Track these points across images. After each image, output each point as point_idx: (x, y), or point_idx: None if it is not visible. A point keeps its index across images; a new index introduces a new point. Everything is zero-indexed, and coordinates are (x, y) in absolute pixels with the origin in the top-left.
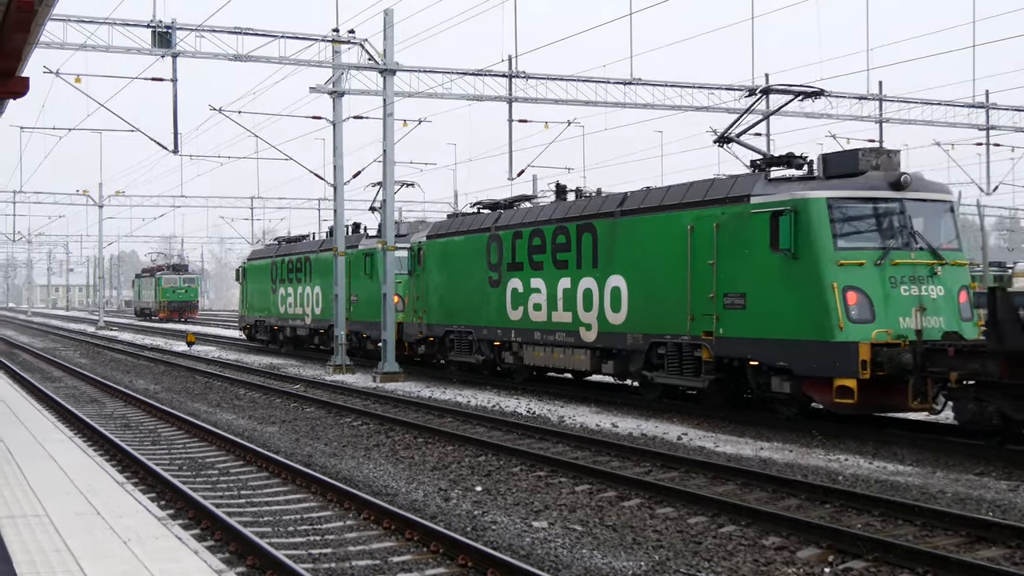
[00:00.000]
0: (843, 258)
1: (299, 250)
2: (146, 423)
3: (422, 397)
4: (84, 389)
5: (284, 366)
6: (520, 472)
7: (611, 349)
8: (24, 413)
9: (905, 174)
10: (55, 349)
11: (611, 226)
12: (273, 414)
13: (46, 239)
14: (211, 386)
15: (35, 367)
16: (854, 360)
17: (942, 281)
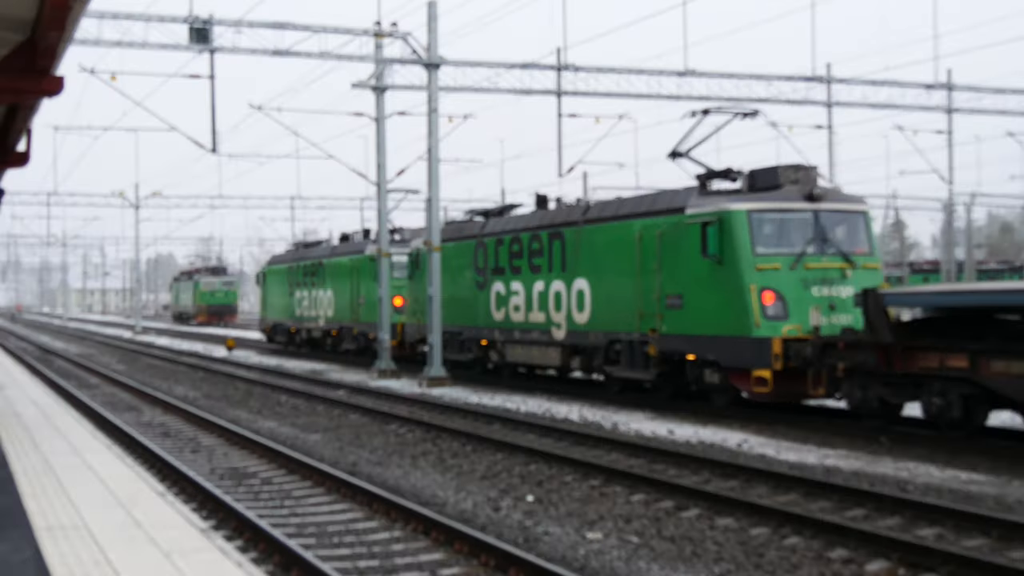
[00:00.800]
0: (761, 263)
1: (314, 255)
2: (185, 431)
3: (470, 403)
4: (121, 396)
5: (326, 371)
6: (573, 481)
7: (577, 346)
8: (61, 421)
9: (818, 188)
10: (91, 355)
11: (576, 233)
12: (316, 421)
13: (81, 242)
14: (251, 392)
15: (71, 373)
16: (768, 353)
17: (852, 282)
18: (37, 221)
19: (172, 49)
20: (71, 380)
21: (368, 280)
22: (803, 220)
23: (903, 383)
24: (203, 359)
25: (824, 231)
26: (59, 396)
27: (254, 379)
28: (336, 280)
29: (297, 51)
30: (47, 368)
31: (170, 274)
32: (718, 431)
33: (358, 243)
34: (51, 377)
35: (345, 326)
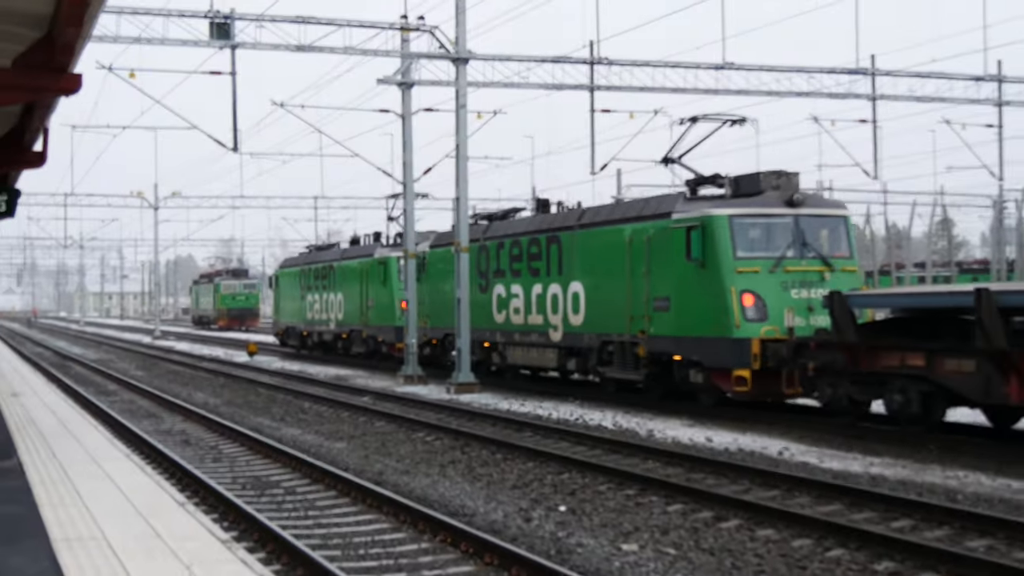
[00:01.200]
0: (741, 266)
1: (325, 258)
2: (206, 439)
3: (500, 410)
4: (140, 403)
5: (351, 377)
6: (607, 491)
7: (573, 348)
8: (79, 429)
9: (798, 193)
10: (109, 360)
11: (571, 237)
12: (341, 429)
13: (99, 244)
14: (274, 399)
15: (89, 380)
16: (748, 354)
17: (831, 285)
18: (53, 223)
19: (192, 45)
20: (89, 387)
21: (376, 284)
22: (783, 225)
23: (869, 381)
24: (224, 364)
25: (804, 235)
26: (76, 403)
27: (277, 385)
28: (346, 284)
29: (321, 46)
30: (64, 374)
31: (190, 277)
32: (758, 438)
33: (367, 246)
34: (68, 384)
35: (355, 329)
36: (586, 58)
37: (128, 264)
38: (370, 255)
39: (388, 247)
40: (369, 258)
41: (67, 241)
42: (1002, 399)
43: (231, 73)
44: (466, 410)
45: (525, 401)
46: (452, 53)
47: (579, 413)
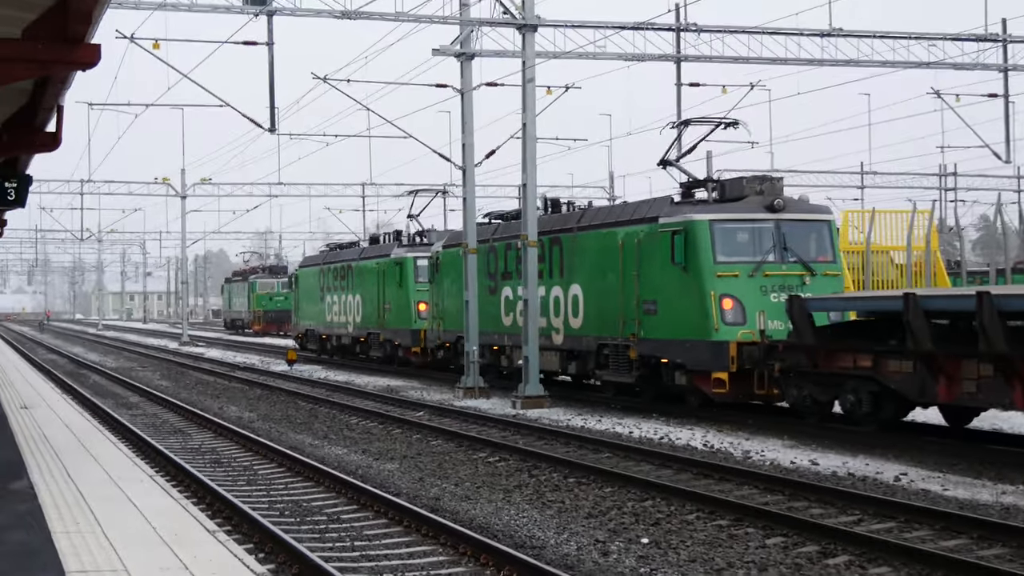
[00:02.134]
0: (721, 270)
1: (344, 257)
2: (240, 458)
3: (572, 427)
4: (166, 417)
5: (403, 388)
6: (696, 520)
7: (573, 351)
8: (97, 446)
9: (779, 199)
10: (131, 369)
11: (572, 240)
12: (392, 448)
13: (119, 237)
14: (316, 414)
15: (108, 391)
16: (726, 356)
17: (811, 289)
18: (68, 213)
19: (224, 12)
20: (108, 398)
21: (393, 285)
22: (764, 230)
23: (828, 382)
24: (260, 374)
25: (785, 240)
26: (94, 417)
27: (320, 398)
28: (364, 285)
29: (369, 12)
30: (80, 384)
31: (221, 275)
32: (871, 461)
33: (385, 246)
34: (85, 395)
35: (372, 332)
36: (671, 24)
37: (152, 260)
38: (388, 255)
39: (406, 247)
40: (386, 258)
41: (83, 234)
42: (933, 398)
43: (268, 43)
44: (534, 427)
45: (602, 417)
46: (518, 19)
47: (664, 431)
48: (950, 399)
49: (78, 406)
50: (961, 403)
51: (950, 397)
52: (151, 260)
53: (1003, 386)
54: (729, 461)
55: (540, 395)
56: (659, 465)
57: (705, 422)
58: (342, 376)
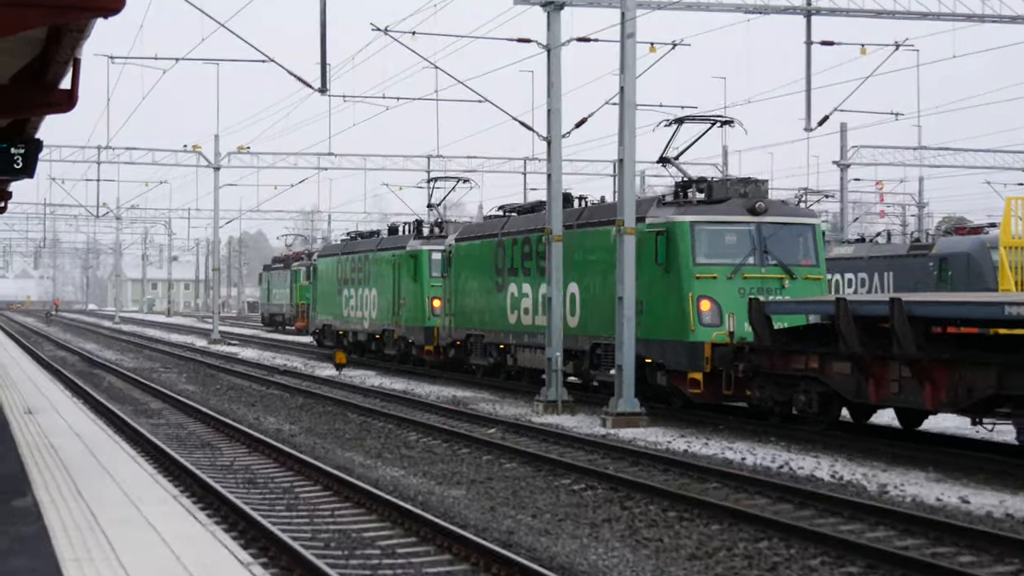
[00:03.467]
0: (700, 272)
1: (361, 248)
2: (278, 478)
3: (674, 451)
4: (192, 428)
5: (472, 400)
6: (821, 567)
7: (570, 350)
8: (112, 460)
9: (760, 202)
10: (152, 370)
11: (570, 237)
12: (458, 471)
13: (141, 214)
14: (369, 428)
15: (125, 395)
16: (701, 357)
17: (790, 292)
18: (82, 185)
19: None
20: (125, 404)
21: (408, 279)
22: (744, 232)
23: (784, 383)
24: (304, 380)
25: (766, 243)
26: (109, 425)
27: (373, 409)
28: (380, 278)
29: None
30: (93, 387)
31: (259, 261)
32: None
33: (402, 237)
34: (99, 400)
35: (387, 329)
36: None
37: (178, 243)
38: (403, 247)
39: (422, 239)
40: (402, 250)
41: (99, 210)
42: (866, 399)
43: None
44: (628, 449)
45: (709, 440)
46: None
47: (784, 458)
48: (878, 399)
49: (90, 412)
50: (887, 403)
51: (878, 398)
52: (177, 242)
53: (916, 387)
54: (862, 496)
55: (635, 412)
56: (777, 499)
57: (833, 449)
58: (399, 384)
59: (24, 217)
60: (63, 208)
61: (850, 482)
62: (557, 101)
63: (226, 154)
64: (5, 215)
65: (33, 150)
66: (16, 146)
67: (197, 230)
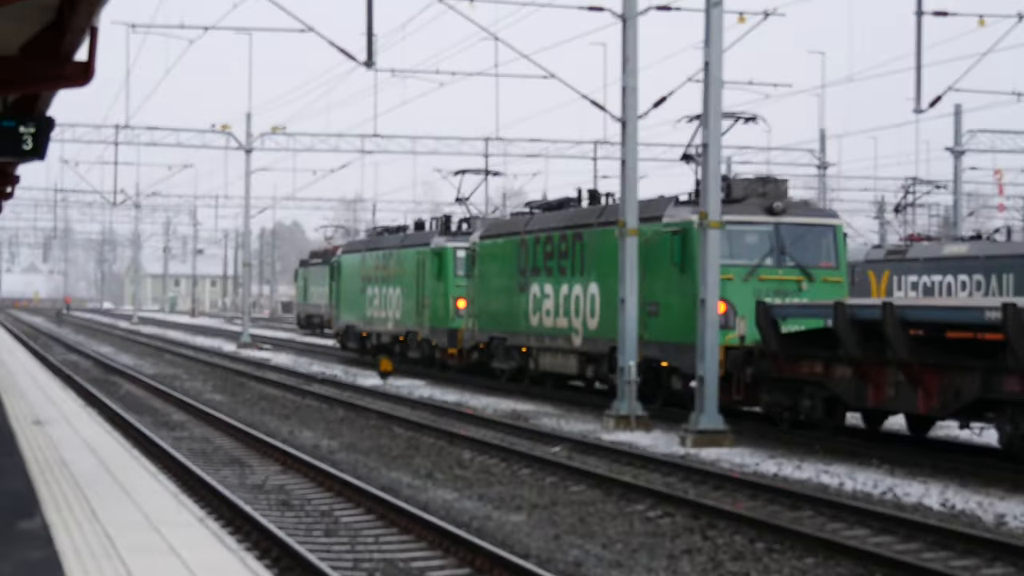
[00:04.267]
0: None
1: (385, 244)
2: (316, 500)
3: (762, 474)
4: (220, 442)
5: (533, 415)
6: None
7: (590, 353)
8: (130, 477)
9: (779, 202)
10: (174, 377)
11: (591, 235)
12: (518, 494)
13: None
14: (418, 444)
15: (145, 405)
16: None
17: (808, 295)
18: (98, 169)
19: None
20: (144, 415)
21: (432, 278)
22: (761, 233)
23: (790, 388)
24: (344, 389)
25: (783, 244)
26: (126, 438)
27: (422, 423)
28: (404, 277)
29: None
30: (108, 395)
31: (295, 255)
32: None
33: (427, 233)
34: (115, 410)
35: (411, 331)
36: None
37: (204, 234)
38: (427, 244)
39: (448, 235)
40: (426, 247)
41: (116, 196)
42: (865, 403)
43: None
44: (710, 472)
45: (802, 462)
46: None
47: (887, 484)
48: (876, 404)
49: (106, 424)
50: (885, 408)
51: (877, 402)
52: (203, 234)
53: (910, 391)
54: (976, 527)
55: (719, 430)
56: (879, 530)
57: (943, 473)
58: (452, 395)
59: (32, 204)
60: (76, 194)
61: (963, 511)
62: (633, 77)
63: (259, 135)
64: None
65: (44, 129)
66: (25, 125)
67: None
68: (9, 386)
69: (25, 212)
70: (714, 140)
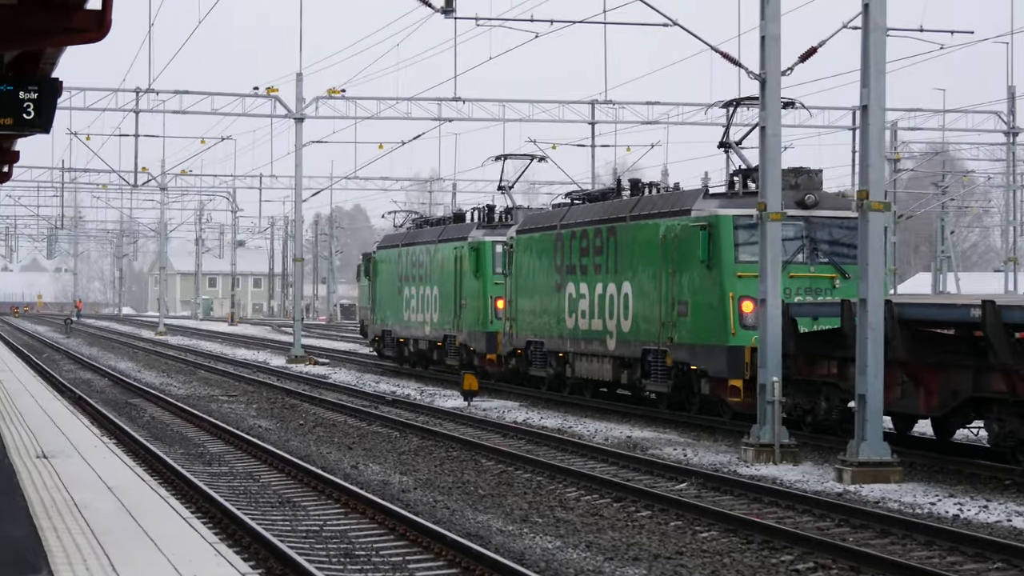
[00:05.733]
0: (742, 270)
1: (423, 239)
2: (386, 550)
3: (939, 516)
4: (266, 479)
5: (653, 442)
6: None
7: (624, 358)
8: (157, 524)
9: (811, 194)
10: (210, 399)
11: (624, 230)
12: (635, 541)
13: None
14: (511, 480)
15: (174, 434)
16: (741, 362)
17: (842, 293)
18: (114, 144)
19: None
20: (174, 446)
21: (470, 276)
22: (792, 227)
23: (808, 390)
24: (419, 412)
25: (816, 239)
26: (152, 475)
27: (516, 454)
28: (442, 275)
29: None
30: (130, 423)
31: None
32: None
33: (466, 225)
34: (138, 439)
35: (449, 335)
36: None
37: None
38: (464, 237)
39: (487, 227)
40: (463, 242)
41: (137, 177)
42: None
43: None
44: (873, 513)
45: (989, 501)
46: None
47: None
48: (888, 404)
49: (127, 457)
50: (892, 409)
51: (888, 403)
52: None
53: (913, 391)
54: None
55: (883, 461)
56: None
57: None
58: (552, 420)
59: (35, 187)
60: (88, 175)
61: None
62: (774, 24)
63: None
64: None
65: (49, 95)
66: (26, 89)
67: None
68: (8, 411)
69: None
70: (876, 101)
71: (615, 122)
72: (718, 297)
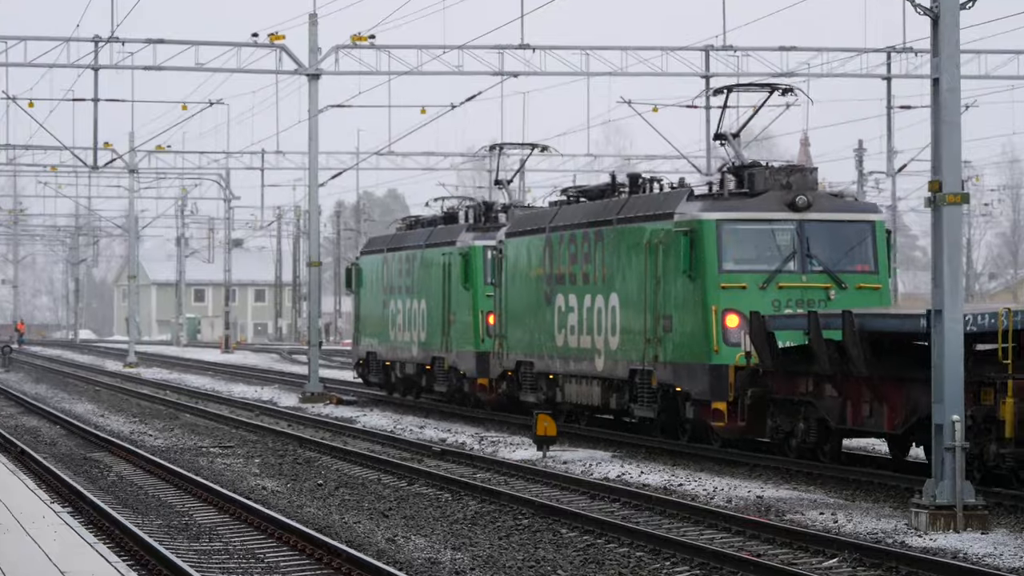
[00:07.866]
0: (726, 281)
1: (409, 243)
2: None
3: None
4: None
5: (791, 504)
6: None
7: (611, 379)
8: None
9: (803, 195)
10: (198, 452)
11: (611, 235)
12: None
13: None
14: (600, 558)
15: (150, 500)
16: (725, 382)
17: (838, 304)
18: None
19: None
20: (150, 516)
21: (458, 287)
22: (782, 232)
23: (788, 410)
24: (477, 466)
25: (809, 245)
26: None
27: (606, 521)
28: (429, 285)
29: None
30: (91, 484)
31: None
32: None
33: (454, 228)
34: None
35: (438, 357)
36: None
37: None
38: (452, 242)
39: (478, 230)
40: (451, 247)
41: (97, 154)
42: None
43: None
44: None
45: None
46: None
47: None
48: (855, 423)
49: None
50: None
51: (855, 421)
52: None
53: (880, 408)
54: None
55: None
56: None
57: None
58: (656, 475)
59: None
60: (31, 153)
61: None
62: None
63: (330, 49)
64: None
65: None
66: None
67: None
68: None
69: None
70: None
71: (736, 74)
72: (700, 310)
